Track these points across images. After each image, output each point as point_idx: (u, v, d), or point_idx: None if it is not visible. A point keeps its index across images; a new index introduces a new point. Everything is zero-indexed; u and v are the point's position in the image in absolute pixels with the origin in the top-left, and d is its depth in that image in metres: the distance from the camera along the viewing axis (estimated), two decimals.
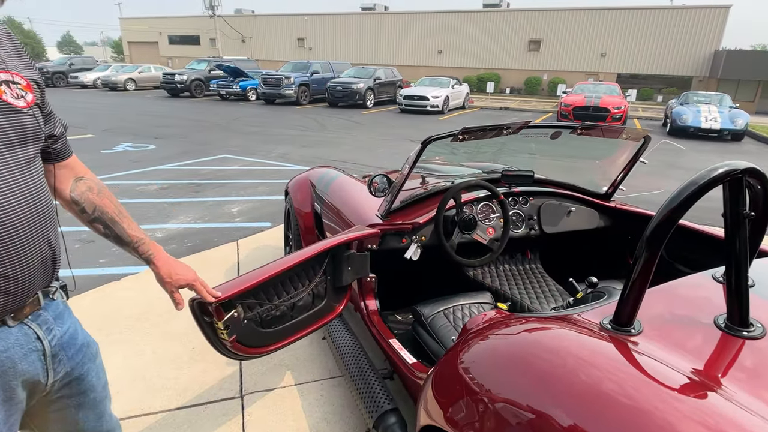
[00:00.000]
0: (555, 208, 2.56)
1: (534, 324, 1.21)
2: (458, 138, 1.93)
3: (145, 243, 1.17)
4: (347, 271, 1.95)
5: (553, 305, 2.22)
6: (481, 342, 1.20)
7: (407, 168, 2.02)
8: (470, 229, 2.17)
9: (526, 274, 2.59)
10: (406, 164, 2.05)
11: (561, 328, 1.19)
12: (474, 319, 1.35)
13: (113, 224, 1.13)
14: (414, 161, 1.97)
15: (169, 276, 1.20)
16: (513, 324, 1.24)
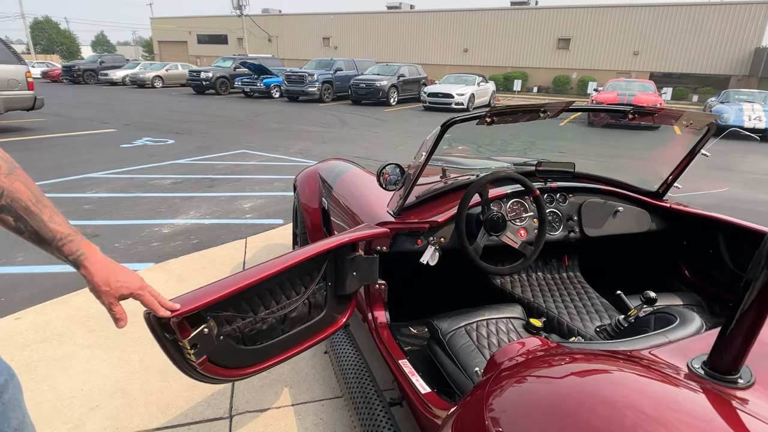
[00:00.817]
0: (599, 207, 2.20)
1: (590, 363, 0.88)
2: (485, 120, 1.61)
3: (74, 241, 0.90)
4: (352, 276, 1.65)
5: (597, 323, 1.87)
6: (517, 385, 0.88)
7: (424, 156, 1.70)
8: (499, 230, 1.84)
9: (563, 283, 2.23)
10: (422, 151, 1.73)
11: (630, 371, 0.86)
12: (506, 350, 1.03)
13: (29, 215, 0.86)
14: (432, 148, 1.66)
15: (107, 283, 0.92)
16: (559, 361, 0.91)
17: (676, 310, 1.34)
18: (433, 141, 1.63)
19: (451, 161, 2.68)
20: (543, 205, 1.89)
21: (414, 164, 1.80)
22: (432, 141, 1.64)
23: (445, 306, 2.39)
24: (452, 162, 2.68)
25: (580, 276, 2.33)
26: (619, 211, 2.21)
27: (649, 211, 2.29)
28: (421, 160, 1.71)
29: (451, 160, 2.74)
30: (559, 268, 2.35)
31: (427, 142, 1.71)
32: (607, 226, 2.20)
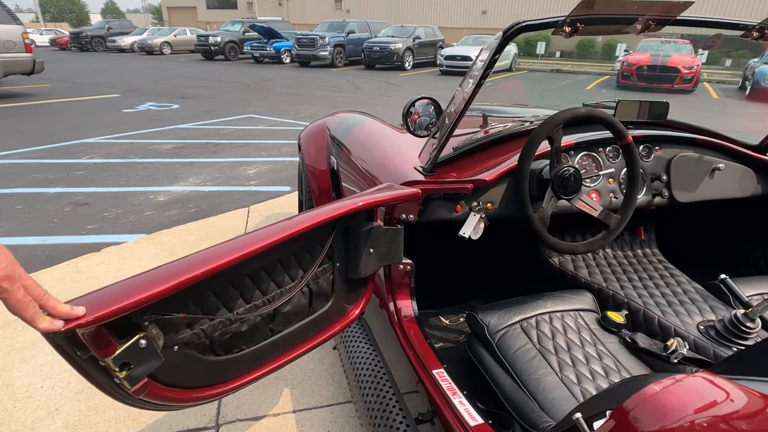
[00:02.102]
0: (693, 163, 1.69)
1: None
2: (563, 29, 1.10)
3: None
4: (368, 254, 1.21)
5: (699, 318, 1.39)
6: None
7: (471, 83, 1.21)
8: (571, 192, 1.35)
9: (639, 264, 1.75)
10: (469, 78, 1.23)
11: None
12: (648, 400, 0.56)
13: None
14: (486, 66, 1.16)
15: None
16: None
17: None
18: (490, 56, 1.13)
19: (491, 110, 2.16)
20: (636, 157, 1.39)
21: (452, 107, 1.31)
22: (487, 58, 1.15)
23: (489, 291, 1.95)
24: (493, 111, 2.16)
25: (660, 254, 1.84)
26: (718, 170, 1.70)
27: (756, 169, 1.76)
28: (468, 89, 1.21)
29: (490, 109, 2.22)
30: (632, 243, 1.86)
31: (477, 66, 1.22)
32: (702, 188, 1.69)
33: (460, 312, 1.82)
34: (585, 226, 1.84)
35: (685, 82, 12.12)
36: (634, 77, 12.50)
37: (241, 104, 8.34)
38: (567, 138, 1.57)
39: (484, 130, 1.73)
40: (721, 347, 1.27)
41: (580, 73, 16.74)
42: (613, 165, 1.62)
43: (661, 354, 1.25)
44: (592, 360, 1.25)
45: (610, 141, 1.61)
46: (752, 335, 1.27)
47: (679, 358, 1.22)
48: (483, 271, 2.09)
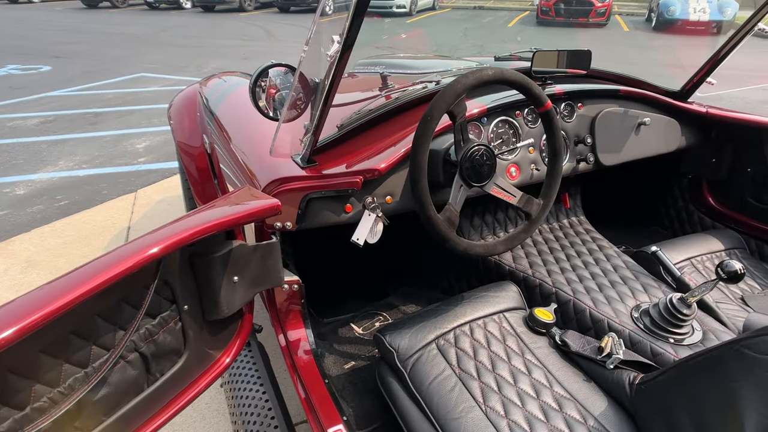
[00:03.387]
0: (618, 120, 1.49)
1: None
2: None
3: None
4: (230, 284, 0.91)
5: (632, 303, 1.23)
6: None
7: (337, 42, 0.87)
8: (485, 175, 1.08)
9: (566, 237, 1.56)
10: (337, 40, 0.89)
11: None
12: None
13: None
14: (352, 20, 0.83)
15: None
16: None
17: None
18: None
19: (392, 64, 1.82)
20: (557, 126, 1.13)
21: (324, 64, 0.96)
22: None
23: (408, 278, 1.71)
24: (394, 66, 1.82)
25: (587, 221, 1.68)
26: (644, 124, 1.52)
27: (680, 120, 1.60)
28: (333, 50, 0.88)
29: (392, 63, 1.87)
30: (558, 213, 1.67)
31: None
32: (628, 148, 1.51)
33: (375, 315, 1.57)
34: (506, 208, 1.61)
35: (599, 15, 12.31)
36: (552, 12, 12.48)
37: (131, 61, 7.25)
38: (477, 102, 1.28)
39: (385, 94, 1.40)
40: (659, 340, 1.12)
41: (502, 10, 16.52)
42: (533, 131, 1.37)
43: (596, 359, 1.08)
44: (520, 377, 1.05)
45: (529, 102, 1.36)
46: (687, 322, 1.13)
47: (615, 364, 1.05)
48: (397, 261, 1.84)
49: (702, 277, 1.40)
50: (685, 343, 1.12)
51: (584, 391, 1.06)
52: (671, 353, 1.09)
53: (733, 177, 1.74)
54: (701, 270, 1.44)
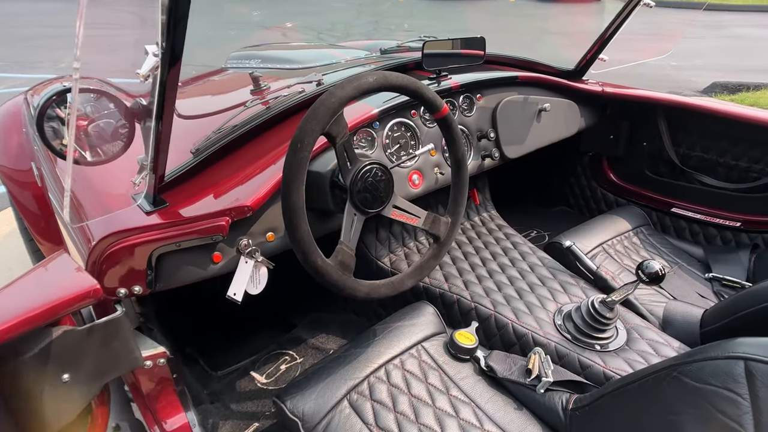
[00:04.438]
0: (519, 108, 1.39)
1: None
2: None
3: None
4: (59, 386, 0.67)
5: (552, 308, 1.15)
6: None
7: (153, 59, 0.62)
8: (382, 198, 0.89)
9: (479, 236, 1.45)
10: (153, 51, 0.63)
11: None
12: None
13: None
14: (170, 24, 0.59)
15: None
16: None
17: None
18: None
19: (270, 58, 1.56)
20: (457, 132, 0.97)
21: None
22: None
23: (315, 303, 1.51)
24: (272, 59, 1.56)
25: (498, 216, 1.58)
26: (545, 110, 1.43)
27: (577, 100, 1.55)
28: (150, 65, 0.63)
29: (269, 55, 1.61)
30: (469, 212, 1.56)
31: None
32: (532, 137, 1.42)
33: (281, 356, 1.36)
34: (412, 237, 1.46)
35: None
36: None
37: None
38: (363, 105, 1.09)
39: (254, 102, 1.15)
40: (585, 350, 1.05)
41: None
42: (432, 131, 1.22)
43: (526, 383, 0.98)
44: (447, 422, 0.91)
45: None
46: (611, 325, 1.07)
47: (545, 388, 0.95)
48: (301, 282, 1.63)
49: (615, 263, 1.37)
50: (610, 348, 1.06)
51: (517, 422, 0.94)
52: (600, 364, 1.02)
53: (631, 152, 1.75)
54: (613, 255, 1.41)
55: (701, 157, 1.59)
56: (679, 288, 1.34)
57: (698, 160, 1.60)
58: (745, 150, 1.51)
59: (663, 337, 1.09)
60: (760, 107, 4.35)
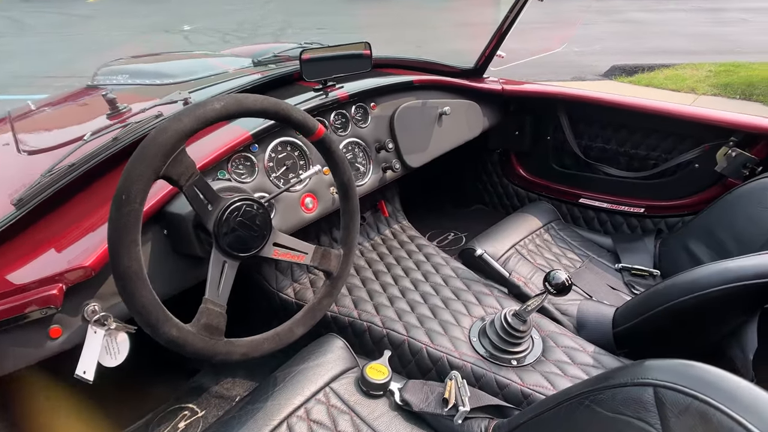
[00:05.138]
0: (417, 114, 1.32)
1: None
2: None
3: None
4: None
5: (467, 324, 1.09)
6: None
7: None
8: (257, 239, 0.76)
9: (391, 251, 1.37)
10: None
11: None
12: None
13: None
14: None
15: None
16: None
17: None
18: None
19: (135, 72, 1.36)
20: (339, 156, 0.86)
21: None
22: None
23: None
24: (138, 73, 1.36)
25: (409, 225, 1.51)
26: (445, 114, 1.37)
27: (479, 100, 1.51)
28: None
29: (139, 70, 1.41)
30: (378, 225, 1.47)
31: None
32: (434, 143, 1.35)
33: (180, 411, 1.19)
34: (318, 227, 1.34)
35: None
36: None
37: None
38: (234, 128, 0.96)
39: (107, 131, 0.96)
40: (502, 368, 1.00)
41: None
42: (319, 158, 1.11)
43: (443, 414, 0.91)
44: None
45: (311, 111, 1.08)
46: (525, 338, 1.03)
47: (463, 418, 0.89)
48: None
49: (528, 264, 1.35)
50: (527, 361, 1.02)
51: None
52: (517, 383, 0.97)
53: (537, 147, 1.75)
54: (526, 255, 1.39)
55: (603, 148, 1.62)
56: (591, 283, 1.34)
57: (600, 150, 1.63)
58: (642, 138, 1.54)
59: (578, 342, 1.07)
60: (655, 87, 4.70)
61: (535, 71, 4.74)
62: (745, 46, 5.78)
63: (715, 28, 6.79)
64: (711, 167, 1.40)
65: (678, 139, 1.47)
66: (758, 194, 1.16)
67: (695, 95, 4.33)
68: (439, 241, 1.76)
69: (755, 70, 4.70)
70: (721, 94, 4.29)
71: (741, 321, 0.95)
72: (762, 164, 1.34)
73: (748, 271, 0.82)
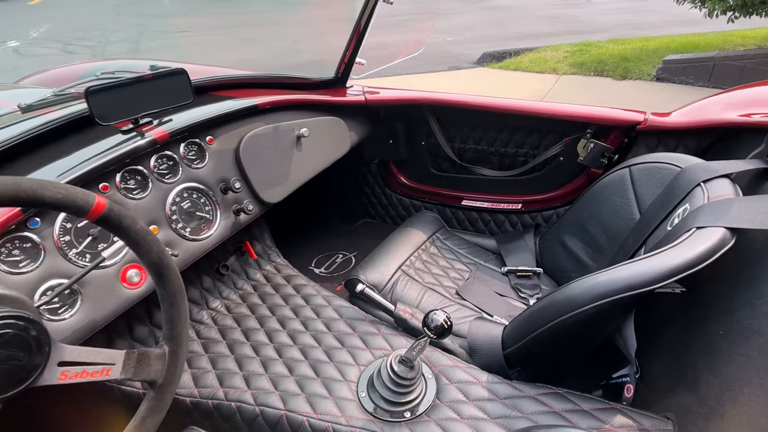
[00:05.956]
0: (269, 141, 1.15)
1: None
2: None
3: None
4: None
5: (354, 374, 0.96)
6: None
7: None
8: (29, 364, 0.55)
9: (264, 299, 1.20)
10: None
11: None
12: None
13: None
14: None
15: None
16: None
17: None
18: None
19: None
20: (136, 232, 0.65)
21: None
22: None
23: None
24: None
25: (287, 264, 1.34)
26: (303, 136, 1.21)
27: (343, 115, 1.38)
28: None
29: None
30: (247, 270, 1.27)
31: None
32: (296, 170, 1.20)
33: None
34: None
35: None
36: None
37: None
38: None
39: None
40: (395, 426, 0.89)
41: None
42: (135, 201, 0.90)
43: None
44: None
45: (121, 160, 0.86)
46: (416, 382, 0.93)
47: None
48: None
49: (417, 285, 1.26)
50: (420, 410, 0.92)
51: None
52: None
53: (413, 153, 1.68)
54: (414, 275, 1.30)
55: (475, 149, 1.59)
56: (480, 294, 1.30)
57: (473, 152, 1.60)
58: (509, 137, 1.53)
59: (471, 373, 1.00)
60: (523, 71, 5.00)
61: (411, 63, 4.78)
62: (593, 26, 6.41)
63: (565, 11, 7.44)
64: (575, 159, 1.43)
65: (541, 135, 1.48)
66: (616, 186, 1.19)
67: (557, 75, 4.68)
68: (326, 267, 1.62)
69: (603, 48, 5.20)
70: (579, 73, 4.68)
71: (620, 321, 0.95)
72: (617, 152, 1.39)
73: (618, 285, 0.79)
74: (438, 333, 0.85)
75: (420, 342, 0.91)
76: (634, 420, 0.85)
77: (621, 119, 1.31)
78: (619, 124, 1.32)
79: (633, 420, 0.85)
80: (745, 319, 0.76)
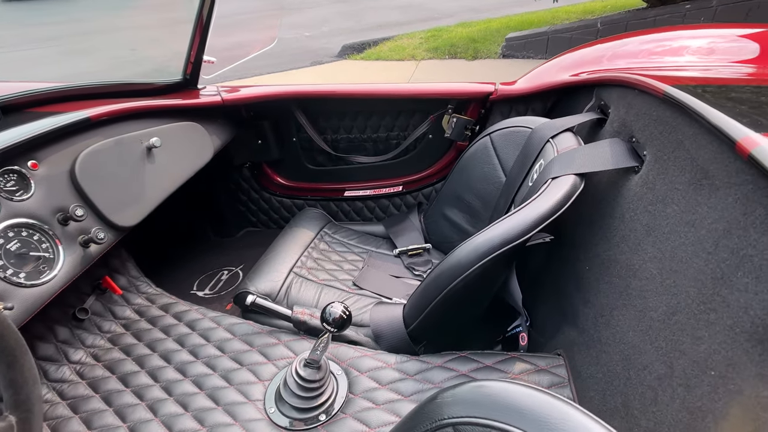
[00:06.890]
0: (112, 158, 1.01)
1: None
2: None
3: None
4: None
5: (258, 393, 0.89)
6: None
7: None
8: None
9: (138, 336, 1.04)
10: None
11: None
12: None
13: None
14: None
15: None
16: None
17: None
18: None
19: None
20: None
21: None
22: None
23: None
24: None
25: (161, 292, 1.19)
26: (155, 147, 1.08)
27: (200, 119, 1.26)
28: None
29: None
30: (113, 309, 1.10)
31: None
32: (151, 186, 1.06)
33: None
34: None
35: None
36: None
37: None
38: None
39: None
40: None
41: None
42: None
43: None
44: None
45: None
46: (326, 381, 0.89)
47: None
48: None
49: (311, 284, 1.21)
50: (336, 408, 0.88)
51: None
52: None
53: (286, 151, 1.61)
54: (307, 275, 1.25)
55: (348, 138, 1.58)
56: (377, 280, 1.30)
57: (347, 141, 1.59)
58: (378, 121, 1.55)
59: (380, 359, 0.99)
60: (384, 60, 5.15)
61: (273, 62, 4.63)
62: (440, 12, 6.85)
63: (414, 0, 7.85)
64: (442, 136, 1.49)
65: (408, 115, 1.52)
66: (481, 154, 1.26)
67: (416, 61, 4.91)
68: (211, 287, 1.49)
69: (453, 32, 5.59)
70: (435, 57, 4.96)
71: (504, 277, 1.02)
72: (478, 123, 1.48)
73: (495, 242, 0.84)
74: (338, 325, 0.83)
75: (322, 339, 0.87)
76: (530, 363, 0.92)
77: (475, 92, 1.40)
78: (474, 97, 1.41)
79: (530, 363, 0.92)
80: (604, 251, 0.86)
